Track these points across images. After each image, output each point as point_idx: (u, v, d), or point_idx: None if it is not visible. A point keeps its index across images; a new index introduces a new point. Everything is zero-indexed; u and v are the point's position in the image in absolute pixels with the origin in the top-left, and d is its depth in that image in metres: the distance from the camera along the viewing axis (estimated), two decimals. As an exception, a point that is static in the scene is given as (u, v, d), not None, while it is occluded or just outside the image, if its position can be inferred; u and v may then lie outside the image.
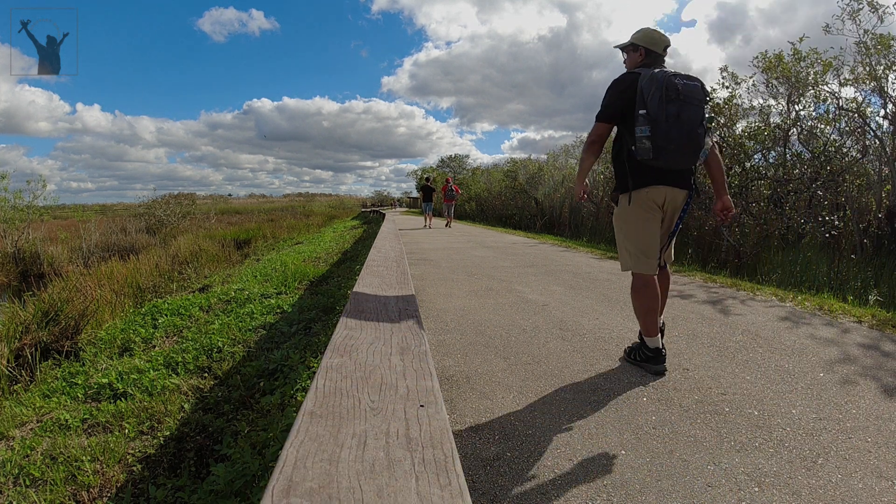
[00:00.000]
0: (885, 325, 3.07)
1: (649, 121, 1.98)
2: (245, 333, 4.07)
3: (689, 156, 2.04)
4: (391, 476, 0.70)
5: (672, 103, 1.97)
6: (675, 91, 1.98)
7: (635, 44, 2.23)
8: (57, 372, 3.75)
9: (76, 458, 2.35)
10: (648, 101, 1.99)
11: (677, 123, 1.97)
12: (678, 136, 1.98)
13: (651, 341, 2.21)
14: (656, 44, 2.19)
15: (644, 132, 1.99)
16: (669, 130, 1.97)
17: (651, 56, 2.20)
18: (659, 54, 2.20)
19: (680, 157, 2.03)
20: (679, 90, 1.98)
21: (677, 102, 1.98)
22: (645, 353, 2.24)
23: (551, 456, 1.54)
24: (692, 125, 2.00)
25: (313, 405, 0.93)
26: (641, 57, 2.21)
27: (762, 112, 8.24)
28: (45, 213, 15.34)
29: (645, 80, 2.03)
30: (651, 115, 1.98)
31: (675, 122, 1.97)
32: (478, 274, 5.04)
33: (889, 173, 6.58)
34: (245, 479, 1.87)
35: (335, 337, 1.42)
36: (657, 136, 1.98)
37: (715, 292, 4.14)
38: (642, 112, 2.00)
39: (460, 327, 3.00)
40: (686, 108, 1.99)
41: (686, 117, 1.98)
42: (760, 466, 1.47)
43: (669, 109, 1.97)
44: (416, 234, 10.93)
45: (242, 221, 25.27)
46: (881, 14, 6.48)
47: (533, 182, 17.22)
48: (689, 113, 1.99)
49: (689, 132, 2.00)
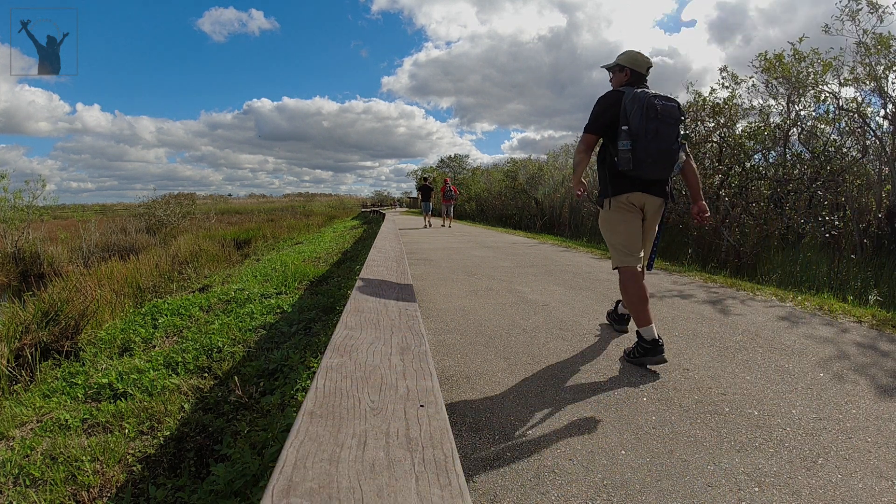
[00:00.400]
0: (885, 324, 3.07)
1: (631, 136, 2.20)
2: (245, 333, 4.07)
3: (664, 168, 2.26)
4: (391, 476, 0.70)
5: (651, 122, 2.19)
6: (655, 111, 2.19)
7: (621, 65, 2.42)
8: (57, 372, 3.75)
9: (76, 458, 2.35)
10: (631, 118, 2.21)
11: (656, 139, 2.20)
12: (656, 150, 2.20)
13: (646, 332, 2.29)
14: (640, 65, 2.40)
15: (626, 146, 2.21)
16: (648, 146, 2.19)
17: (635, 76, 2.40)
18: (642, 74, 2.41)
19: (657, 169, 2.24)
20: (658, 110, 2.20)
21: (656, 121, 2.19)
22: (643, 347, 2.30)
23: (551, 456, 1.54)
24: (668, 142, 2.22)
25: (313, 405, 0.93)
26: (627, 77, 2.41)
27: (762, 112, 8.25)
28: (44, 213, 15.34)
29: (629, 99, 2.24)
30: (633, 131, 2.20)
31: (653, 138, 2.19)
32: (478, 274, 5.04)
33: (889, 173, 6.58)
34: (245, 479, 1.87)
35: (335, 337, 1.42)
36: (637, 150, 2.20)
37: (715, 292, 4.14)
38: (625, 128, 2.22)
39: (460, 327, 3.00)
40: (664, 126, 2.21)
41: (664, 134, 2.21)
42: (760, 466, 1.47)
43: (649, 127, 2.19)
44: (416, 233, 10.93)
45: (242, 221, 25.27)
46: (881, 14, 6.49)
47: (533, 182, 17.22)
48: (667, 131, 2.21)
49: (666, 148, 2.22)
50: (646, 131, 2.19)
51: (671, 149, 2.23)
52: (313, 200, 63.91)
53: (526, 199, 17.62)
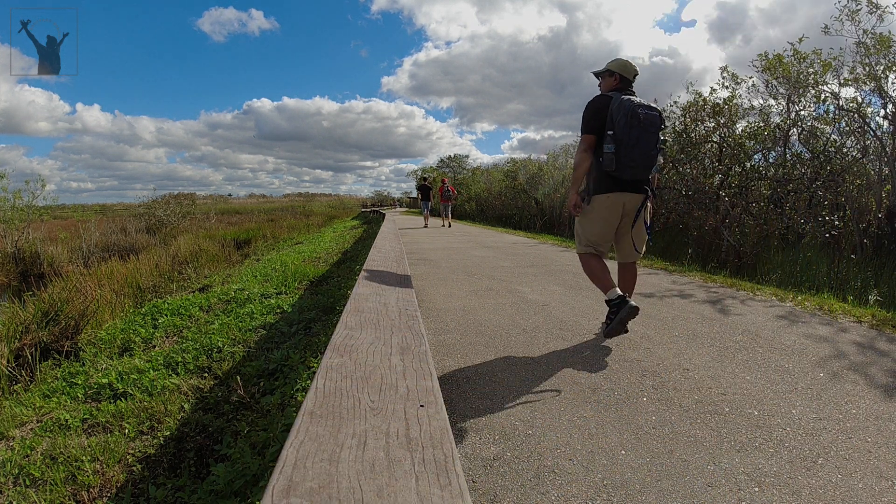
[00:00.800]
0: (885, 324, 3.07)
1: (615, 140, 2.41)
2: (245, 333, 4.07)
3: (644, 170, 2.48)
4: (391, 476, 0.70)
5: (635, 129, 2.39)
6: (638, 119, 2.39)
7: (611, 70, 2.64)
8: (57, 372, 3.75)
9: (76, 458, 2.35)
10: (616, 124, 2.41)
11: (637, 145, 2.41)
12: (637, 155, 2.42)
13: (610, 293, 2.53)
14: (628, 72, 2.61)
15: (610, 149, 2.42)
16: (631, 151, 2.41)
17: (624, 82, 2.62)
18: (630, 80, 2.62)
19: (637, 171, 2.46)
20: (641, 119, 2.40)
21: (639, 129, 2.40)
22: (613, 306, 2.51)
23: (551, 456, 1.54)
24: (649, 147, 2.44)
25: (313, 405, 0.93)
26: (616, 82, 2.62)
27: (762, 112, 8.25)
28: (44, 213, 15.34)
29: (615, 106, 2.44)
30: (617, 136, 2.41)
31: (635, 143, 2.40)
32: (478, 274, 5.04)
33: (889, 173, 6.58)
34: (245, 479, 1.87)
35: (335, 337, 1.42)
36: (620, 154, 2.41)
37: (715, 292, 4.14)
38: (610, 133, 2.43)
39: (460, 327, 3.00)
40: (645, 133, 2.42)
41: (645, 141, 2.42)
42: (760, 466, 1.47)
43: (632, 134, 2.39)
44: (416, 233, 10.93)
45: (242, 221, 25.27)
46: (880, 14, 6.48)
47: (533, 182, 17.22)
48: (648, 137, 2.43)
49: (646, 153, 2.44)
50: (629, 138, 2.39)
51: (651, 154, 2.45)
52: (313, 200, 63.92)
53: (526, 199, 17.62)
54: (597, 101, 2.55)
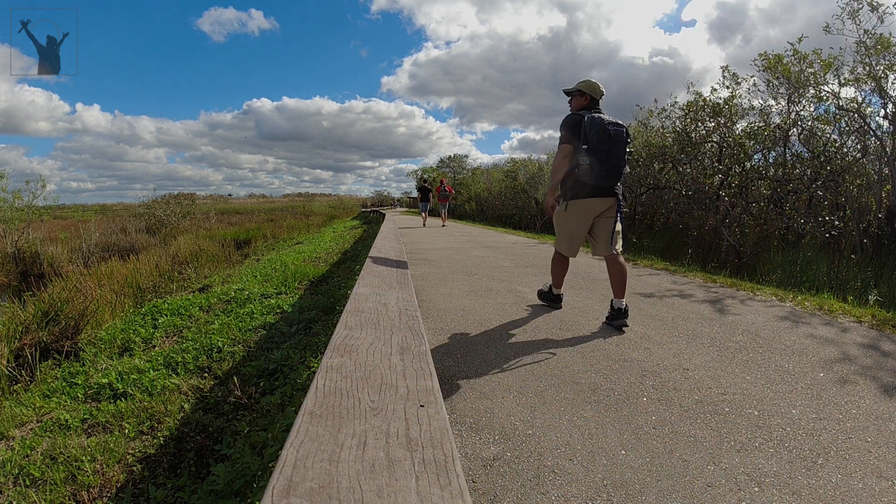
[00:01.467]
0: (885, 324, 3.07)
1: (589, 153, 2.78)
2: (245, 333, 4.07)
3: (613, 179, 2.87)
4: (391, 476, 0.70)
5: (605, 143, 2.76)
6: (608, 135, 2.76)
7: (582, 90, 2.99)
8: (57, 372, 3.75)
9: (76, 458, 2.35)
10: (590, 138, 2.77)
11: (608, 158, 2.78)
12: (609, 166, 2.79)
13: (557, 290, 3.40)
14: (596, 92, 2.97)
15: (584, 161, 2.79)
16: (604, 163, 2.77)
17: (592, 101, 2.98)
18: (597, 99, 2.98)
19: (607, 180, 2.85)
20: (611, 135, 2.77)
21: (609, 143, 2.77)
22: (552, 296, 3.43)
23: (551, 456, 1.54)
24: (618, 159, 2.82)
25: (313, 405, 0.93)
26: (586, 101, 2.99)
27: (762, 112, 8.24)
28: (44, 213, 15.34)
29: (588, 122, 2.79)
30: (591, 148, 2.77)
31: (606, 156, 2.77)
32: (478, 274, 5.04)
33: (889, 173, 6.58)
34: (245, 479, 1.87)
35: (335, 337, 1.42)
36: (593, 164, 2.78)
37: (715, 292, 4.14)
38: (584, 146, 2.79)
39: (460, 327, 3.00)
40: (615, 147, 2.79)
41: (614, 154, 2.80)
42: (760, 466, 1.47)
43: (604, 147, 2.76)
44: (416, 233, 10.93)
45: (242, 221, 25.28)
46: (881, 14, 6.48)
47: (533, 182, 17.22)
48: (617, 150, 2.81)
49: (616, 164, 2.82)
50: (601, 151, 2.75)
51: (620, 164, 2.83)
52: (313, 200, 63.92)
53: (526, 199, 17.61)
54: (572, 117, 2.93)
